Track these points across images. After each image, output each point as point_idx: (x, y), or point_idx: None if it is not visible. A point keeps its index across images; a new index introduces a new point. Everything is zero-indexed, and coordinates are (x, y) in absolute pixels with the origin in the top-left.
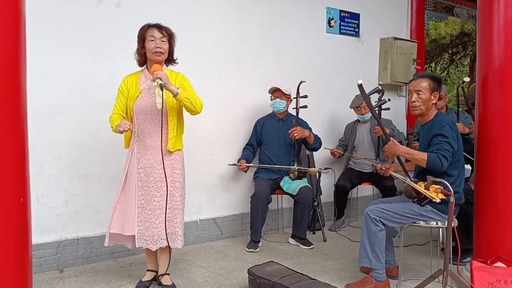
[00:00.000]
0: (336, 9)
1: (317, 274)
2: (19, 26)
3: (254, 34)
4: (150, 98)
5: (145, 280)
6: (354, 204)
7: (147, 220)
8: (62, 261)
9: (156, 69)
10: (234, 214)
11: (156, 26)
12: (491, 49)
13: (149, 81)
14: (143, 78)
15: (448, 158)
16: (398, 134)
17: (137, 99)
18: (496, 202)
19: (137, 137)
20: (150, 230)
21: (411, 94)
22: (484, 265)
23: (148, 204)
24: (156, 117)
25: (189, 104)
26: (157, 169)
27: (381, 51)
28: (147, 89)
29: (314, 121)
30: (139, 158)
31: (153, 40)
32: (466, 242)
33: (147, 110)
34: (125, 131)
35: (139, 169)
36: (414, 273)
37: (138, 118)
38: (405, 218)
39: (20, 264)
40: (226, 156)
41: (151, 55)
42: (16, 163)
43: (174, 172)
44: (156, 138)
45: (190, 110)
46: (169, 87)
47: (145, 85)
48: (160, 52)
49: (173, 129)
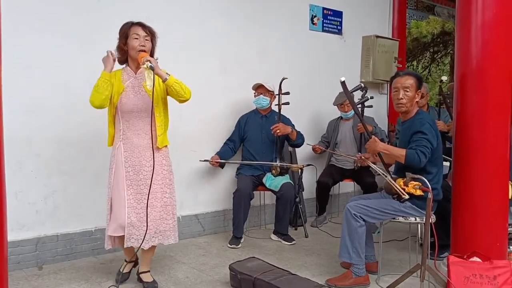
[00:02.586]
0: (319, 7)
1: (298, 270)
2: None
3: (237, 30)
4: (135, 95)
5: (126, 272)
6: (335, 200)
7: (138, 220)
8: (41, 258)
9: (144, 55)
10: (216, 210)
11: (140, 24)
12: (469, 49)
13: (132, 79)
14: (126, 76)
15: (426, 154)
16: (380, 131)
17: (122, 96)
18: (473, 199)
19: (122, 135)
20: (142, 229)
21: (397, 91)
22: (461, 260)
23: (139, 203)
24: (143, 114)
25: (179, 88)
26: (146, 167)
27: (363, 49)
28: (131, 86)
29: (297, 117)
30: (126, 157)
31: (137, 38)
32: (444, 238)
33: (133, 108)
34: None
35: (127, 168)
36: (393, 268)
37: (124, 117)
38: (385, 214)
39: None
40: (209, 152)
41: (135, 53)
42: None
43: (163, 169)
44: (143, 136)
45: (180, 95)
46: (158, 71)
47: (128, 82)
48: (144, 50)
49: (161, 125)
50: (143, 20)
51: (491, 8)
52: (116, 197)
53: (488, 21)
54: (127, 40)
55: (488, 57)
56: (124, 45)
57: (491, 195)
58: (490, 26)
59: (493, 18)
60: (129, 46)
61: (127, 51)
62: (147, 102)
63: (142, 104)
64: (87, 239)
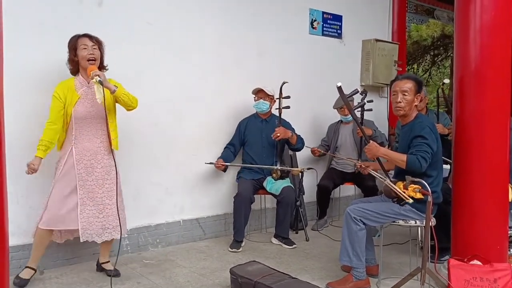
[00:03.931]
0: (318, 11)
1: (299, 273)
2: None
3: (237, 34)
4: (89, 103)
5: (25, 278)
6: (336, 204)
7: (91, 216)
8: (43, 262)
9: (93, 69)
10: (217, 214)
11: (86, 36)
12: (468, 52)
13: (85, 87)
14: (78, 85)
15: (427, 159)
16: (380, 135)
17: (76, 104)
18: (473, 202)
19: (74, 140)
20: (94, 224)
21: (396, 95)
22: (461, 263)
23: (91, 201)
24: (95, 120)
25: (126, 99)
26: (97, 168)
27: (363, 53)
28: (84, 95)
29: (297, 121)
30: (78, 160)
31: (85, 48)
32: (444, 241)
33: (87, 115)
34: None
35: (79, 170)
36: (394, 271)
37: (77, 123)
38: (385, 217)
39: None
40: (209, 157)
41: (85, 62)
42: None
43: (112, 170)
44: (94, 140)
45: (128, 105)
46: (107, 84)
47: (81, 91)
48: (94, 58)
49: (114, 130)
50: (143, 24)
51: (490, 11)
52: (61, 195)
53: (487, 24)
54: (77, 51)
55: (487, 60)
56: (74, 56)
57: (491, 198)
58: (489, 29)
59: (491, 21)
60: (79, 57)
61: (78, 61)
62: (100, 109)
63: (95, 112)
64: (88, 243)
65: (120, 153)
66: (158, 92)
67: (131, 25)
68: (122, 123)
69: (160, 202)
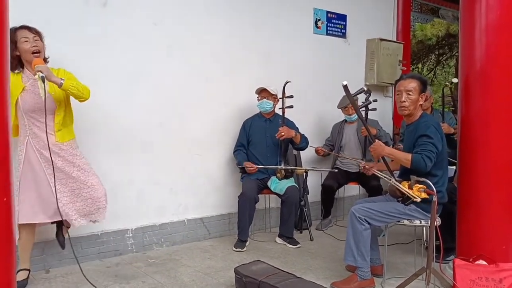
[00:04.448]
0: (323, 10)
1: (303, 273)
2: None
3: (241, 34)
4: (36, 95)
5: (22, 279)
6: (340, 203)
7: (69, 202)
8: (48, 261)
9: (37, 63)
10: (222, 214)
11: (25, 27)
12: (473, 51)
13: (32, 80)
14: (25, 78)
15: (432, 159)
16: (385, 134)
17: (22, 95)
18: (478, 202)
19: (29, 130)
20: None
21: (400, 94)
22: (466, 263)
23: (65, 187)
24: (42, 112)
25: (75, 91)
26: (58, 159)
27: (367, 52)
28: (32, 88)
29: (301, 121)
30: (38, 150)
31: (27, 40)
32: (449, 241)
33: (34, 107)
34: None
35: (44, 162)
36: (399, 271)
37: (27, 113)
38: (389, 217)
39: (3, 264)
40: (213, 157)
41: (29, 56)
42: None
43: (76, 158)
44: (50, 132)
45: (78, 97)
46: (52, 79)
47: (28, 84)
48: (38, 50)
49: (59, 122)
50: (149, 25)
51: (495, 10)
52: (31, 186)
53: (492, 23)
54: (17, 44)
55: (492, 59)
56: (14, 51)
57: (497, 197)
58: (494, 28)
59: (496, 20)
60: (21, 50)
61: (20, 55)
62: (49, 102)
63: (41, 104)
64: (94, 242)
65: (125, 153)
66: (163, 93)
67: (136, 26)
68: (128, 123)
69: (165, 202)
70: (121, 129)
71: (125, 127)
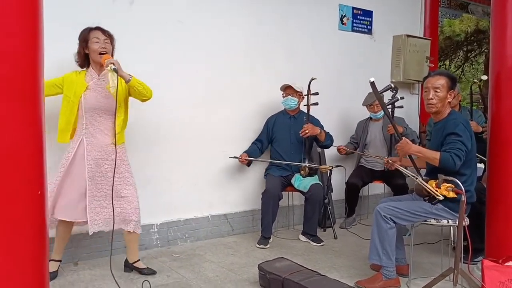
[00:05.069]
0: (348, 6)
1: (327, 271)
2: (37, 23)
3: (266, 31)
4: (100, 94)
5: (52, 270)
6: (365, 202)
7: (98, 206)
8: (77, 254)
9: (107, 57)
10: (245, 210)
11: (99, 29)
12: (505, 48)
13: (95, 79)
14: (89, 77)
15: (461, 157)
16: (411, 132)
17: (85, 93)
18: (508, 201)
19: (85, 130)
20: (101, 214)
21: (428, 91)
22: (496, 264)
23: (99, 192)
24: (105, 113)
25: (141, 88)
26: (108, 161)
27: (393, 49)
28: (94, 86)
29: (326, 118)
30: (89, 151)
31: (97, 41)
32: (478, 241)
33: (96, 106)
34: None
35: (89, 161)
36: (425, 271)
37: (87, 112)
38: (416, 216)
39: (37, 256)
40: (237, 153)
41: (96, 56)
42: (34, 156)
43: (123, 164)
44: (106, 133)
45: (143, 95)
46: (122, 73)
47: (91, 83)
48: (105, 52)
49: (119, 125)
50: (174, 23)
51: None
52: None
53: None
54: (88, 44)
55: None
56: (84, 49)
57: None
58: None
59: None
60: (90, 50)
61: (88, 54)
62: (110, 102)
63: (105, 104)
64: (120, 237)
65: (151, 148)
66: (187, 90)
67: (162, 24)
68: (153, 119)
69: (189, 198)
70: (147, 125)
71: (150, 123)
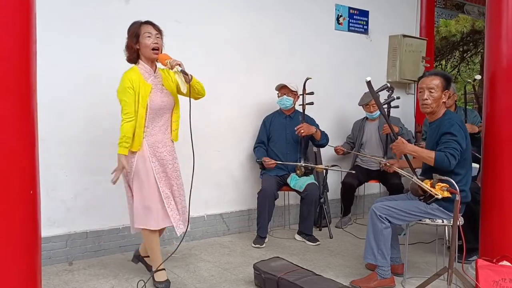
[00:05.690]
0: (345, 6)
1: (323, 271)
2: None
3: (263, 31)
4: (160, 93)
5: (165, 279)
6: (361, 201)
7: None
8: (71, 254)
9: (166, 57)
10: (241, 210)
11: (150, 23)
12: (499, 47)
13: (153, 77)
14: (146, 74)
15: (456, 157)
16: (407, 132)
17: (151, 94)
18: (502, 201)
19: (145, 132)
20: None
21: (422, 92)
22: (490, 264)
23: (171, 193)
24: (164, 111)
25: (199, 87)
26: (169, 160)
27: (390, 49)
28: (154, 85)
29: (322, 118)
30: (151, 152)
31: (150, 36)
32: (472, 241)
33: (160, 105)
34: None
35: (154, 162)
36: (420, 270)
37: (151, 113)
38: (411, 215)
39: (29, 256)
40: (234, 153)
41: (148, 51)
42: (26, 156)
43: (175, 162)
44: (163, 131)
45: (200, 93)
46: (187, 73)
47: (150, 80)
48: (158, 47)
49: (176, 121)
50: (170, 22)
51: None
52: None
53: None
54: (139, 38)
55: None
56: (135, 44)
57: None
58: None
59: None
60: (141, 45)
61: (139, 49)
62: (170, 99)
63: (166, 102)
64: (115, 236)
65: None
66: None
67: (158, 23)
68: None
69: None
70: None
71: None
